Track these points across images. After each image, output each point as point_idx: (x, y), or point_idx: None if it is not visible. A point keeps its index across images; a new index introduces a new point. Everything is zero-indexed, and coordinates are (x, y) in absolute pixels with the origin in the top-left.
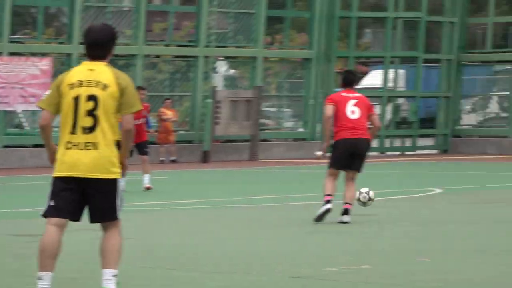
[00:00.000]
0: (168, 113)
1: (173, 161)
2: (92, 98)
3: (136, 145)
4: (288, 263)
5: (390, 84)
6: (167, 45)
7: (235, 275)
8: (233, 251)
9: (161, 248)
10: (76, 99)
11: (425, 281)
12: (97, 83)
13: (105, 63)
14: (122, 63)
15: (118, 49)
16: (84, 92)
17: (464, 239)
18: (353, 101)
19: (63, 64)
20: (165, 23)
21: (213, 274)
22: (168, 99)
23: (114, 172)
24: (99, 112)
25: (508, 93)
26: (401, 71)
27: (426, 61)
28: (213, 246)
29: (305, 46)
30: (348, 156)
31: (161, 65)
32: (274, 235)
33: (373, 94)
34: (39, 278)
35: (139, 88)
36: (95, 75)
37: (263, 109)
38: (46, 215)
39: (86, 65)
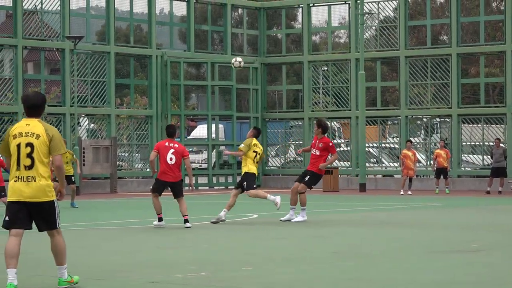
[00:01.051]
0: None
1: None
2: (29, 144)
3: None
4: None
5: (213, 135)
6: None
7: (103, 281)
8: (102, 262)
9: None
10: (18, 145)
11: (249, 284)
12: (33, 134)
13: (39, 120)
14: (7, 119)
15: (3, 108)
16: (23, 140)
17: (281, 252)
18: (172, 150)
19: None
20: (38, 88)
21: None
22: None
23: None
24: (35, 155)
25: (301, 142)
26: (221, 126)
27: (239, 118)
28: (79, 257)
29: (147, 106)
30: None
31: None
32: (136, 248)
33: (201, 143)
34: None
35: None
36: (31, 128)
37: (119, 153)
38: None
39: (25, 121)
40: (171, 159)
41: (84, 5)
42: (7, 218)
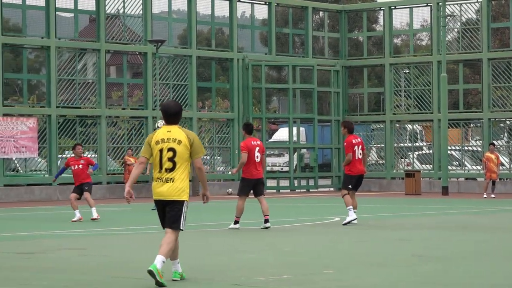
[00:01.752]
0: (132, 160)
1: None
2: (171, 149)
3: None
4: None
5: (294, 138)
6: (123, 108)
7: (188, 283)
8: (183, 265)
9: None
10: (161, 151)
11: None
12: (174, 140)
13: (179, 126)
14: (90, 122)
15: (86, 112)
16: (165, 146)
17: (362, 255)
18: (257, 148)
19: (45, 122)
20: (120, 91)
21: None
22: (129, 149)
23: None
24: (176, 159)
25: (383, 145)
26: (302, 129)
27: (320, 121)
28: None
29: (228, 109)
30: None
31: (120, 124)
32: (218, 251)
33: (282, 146)
34: None
35: (77, 144)
36: (172, 134)
37: None
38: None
39: (166, 127)
40: (257, 157)
41: (166, 9)
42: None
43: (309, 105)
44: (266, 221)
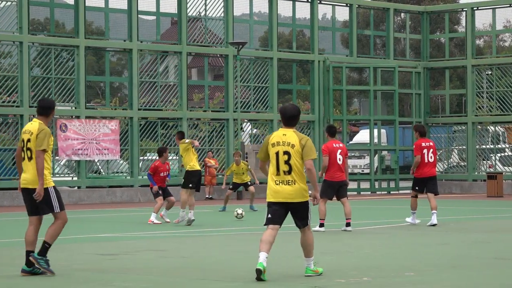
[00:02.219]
0: (212, 162)
1: (210, 199)
2: (286, 153)
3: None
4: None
5: (375, 140)
6: (204, 111)
7: (265, 285)
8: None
9: (213, 264)
10: (277, 153)
11: None
12: (289, 143)
13: (293, 130)
14: (172, 124)
15: (167, 114)
16: (281, 149)
17: (444, 258)
18: (339, 150)
19: (127, 125)
20: (201, 94)
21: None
22: (210, 151)
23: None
24: (291, 162)
25: (464, 147)
26: (383, 130)
27: (401, 122)
28: (244, 261)
29: (309, 111)
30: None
31: (201, 126)
32: (299, 254)
33: (363, 148)
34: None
35: (164, 149)
36: (287, 138)
37: None
38: (266, 223)
39: (282, 130)
40: (339, 159)
41: (247, 11)
42: (269, 216)
43: (390, 107)
44: (348, 224)
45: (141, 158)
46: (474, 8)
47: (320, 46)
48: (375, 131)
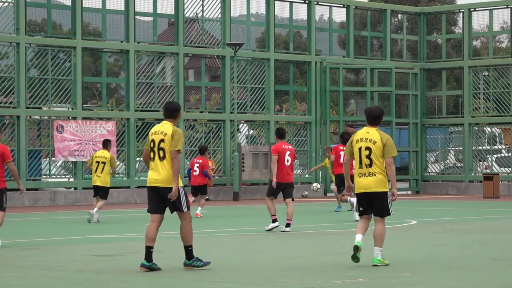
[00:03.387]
0: (208, 163)
1: (206, 200)
2: (367, 148)
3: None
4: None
5: None
6: (201, 112)
7: (262, 286)
8: (261, 267)
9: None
10: (360, 149)
11: None
12: (371, 140)
13: (376, 128)
14: None
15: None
16: (363, 145)
17: (440, 258)
18: (288, 152)
19: (124, 126)
20: (198, 95)
21: (239, 285)
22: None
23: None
24: (373, 156)
25: (461, 148)
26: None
27: (398, 124)
28: (243, 262)
29: (306, 112)
30: None
31: (198, 127)
32: (295, 254)
33: None
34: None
35: (203, 149)
36: (370, 135)
37: None
38: (360, 215)
39: (366, 129)
40: (287, 160)
41: (244, 12)
42: (361, 209)
43: (387, 108)
44: (288, 225)
45: (138, 159)
46: (471, 9)
47: (317, 47)
48: None
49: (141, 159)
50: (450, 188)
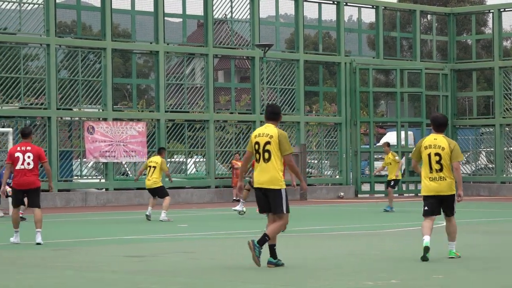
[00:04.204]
0: (239, 164)
1: (237, 200)
2: (437, 154)
3: None
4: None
5: (402, 142)
6: (231, 113)
7: (291, 287)
8: (290, 268)
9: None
10: (429, 155)
11: None
12: (439, 147)
13: (443, 135)
14: (198, 126)
15: (194, 116)
16: (432, 151)
17: (472, 260)
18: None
19: (154, 127)
20: (228, 96)
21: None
22: (236, 153)
23: (454, 190)
24: (443, 162)
25: (492, 149)
26: (410, 132)
27: (428, 125)
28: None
29: (336, 113)
30: None
31: (228, 128)
32: (326, 255)
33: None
34: None
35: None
36: (438, 142)
37: (308, 160)
38: (424, 215)
39: (432, 135)
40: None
41: (273, 13)
42: (426, 208)
43: (417, 109)
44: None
45: (168, 160)
46: (501, 10)
47: (347, 48)
48: (402, 133)
49: (174, 160)
50: (481, 189)
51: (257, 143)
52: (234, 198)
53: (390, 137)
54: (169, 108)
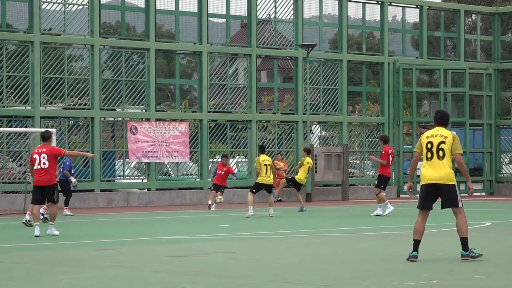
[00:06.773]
0: (281, 164)
1: (279, 201)
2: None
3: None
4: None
5: None
6: (274, 113)
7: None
8: (332, 269)
9: (280, 266)
10: (431, 143)
11: None
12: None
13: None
14: (241, 127)
15: (237, 116)
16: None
17: (510, 259)
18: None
19: (196, 127)
20: (271, 96)
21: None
22: (279, 153)
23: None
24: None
25: None
26: (453, 132)
27: (471, 125)
28: (313, 263)
29: (379, 113)
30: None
31: (270, 128)
32: (367, 256)
33: None
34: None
35: (223, 156)
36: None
37: (350, 161)
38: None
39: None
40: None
41: (317, 14)
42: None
43: (460, 109)
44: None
45: (210, 160)
46: None
47: (390, 48)
48: None
49: (219, 160)
50: None
51: (430, 142)
52: (276, 198)
53: None
54: (211, 109)
